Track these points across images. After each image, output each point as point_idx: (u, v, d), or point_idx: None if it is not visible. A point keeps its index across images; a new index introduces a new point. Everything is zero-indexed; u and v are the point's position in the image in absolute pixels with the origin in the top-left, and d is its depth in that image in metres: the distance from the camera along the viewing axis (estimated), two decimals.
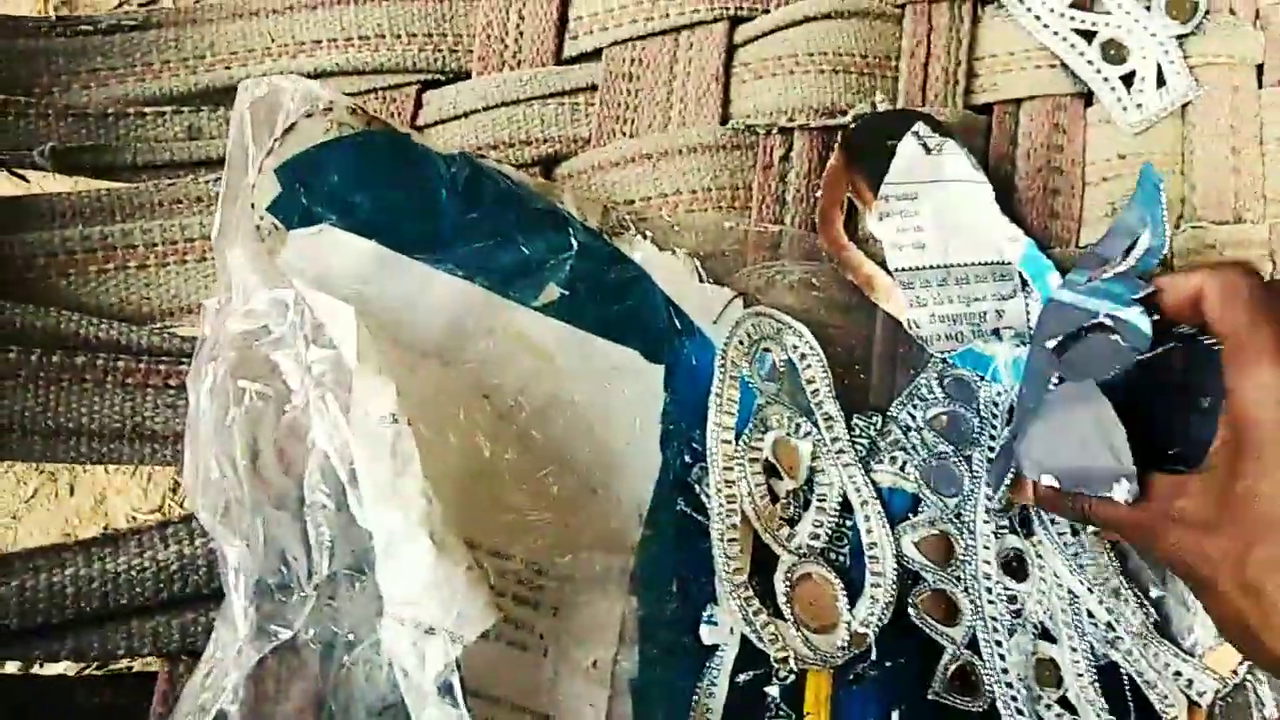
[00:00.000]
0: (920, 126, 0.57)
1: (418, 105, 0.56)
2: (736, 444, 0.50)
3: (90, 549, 0.44)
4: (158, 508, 0.91)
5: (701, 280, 0.54)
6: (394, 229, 0.47)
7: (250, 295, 0.42)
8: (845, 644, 0.49)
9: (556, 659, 0.46)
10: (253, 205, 0.44)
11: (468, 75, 0.57)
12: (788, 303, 0.54)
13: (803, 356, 0.53)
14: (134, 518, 0.92)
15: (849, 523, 0.52)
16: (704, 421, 0.51)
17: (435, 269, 0.48)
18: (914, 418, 0.54)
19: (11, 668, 0.44)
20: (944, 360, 0.55)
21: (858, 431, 0.53)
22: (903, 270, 0.55)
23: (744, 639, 0.48)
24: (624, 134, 0.56)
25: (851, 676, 0.49)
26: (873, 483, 0.52)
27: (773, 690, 0.48)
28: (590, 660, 0.47)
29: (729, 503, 0.49)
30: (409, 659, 0.40)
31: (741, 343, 0.52)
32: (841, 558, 0.51)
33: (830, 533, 0.51)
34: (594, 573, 0.48)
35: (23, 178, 0.52)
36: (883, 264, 0.56)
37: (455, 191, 0.49)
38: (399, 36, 0.56)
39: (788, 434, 0.52)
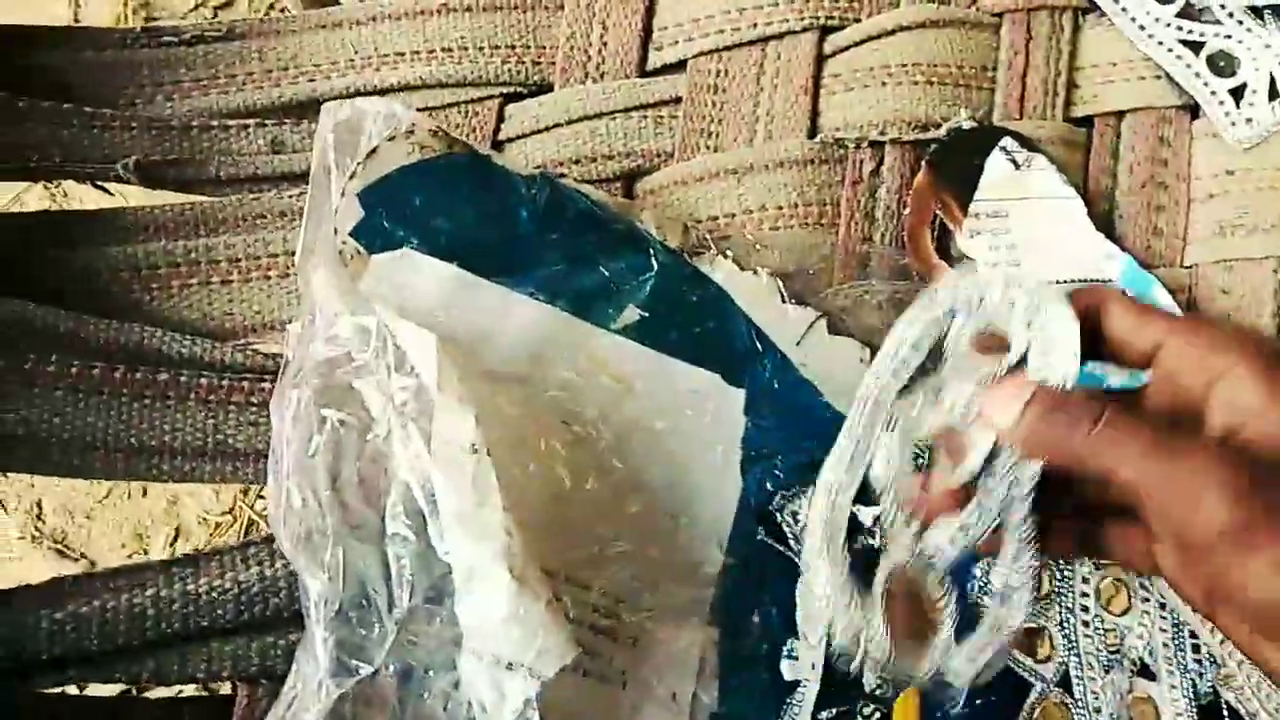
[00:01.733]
0: (1008, 141, 0.55)
1: (499, 119, 0.55)
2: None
3: (171, 569, 0.44)
4: (229, 509, 0.93)
5: (784, 301, 0.52)
6: (474, 252, 0.47)
7: (333, 321, 0.42)
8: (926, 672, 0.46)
9: (635, 691, 0.45)
10: (335, 230, 0.44)
11: (550, 88, 0.56)
12: (874, 324, 0.52)
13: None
14: (205, 518, 0.93)
15: None
16: (787, 447, 0.49)
17: (515, 292, 0.47)
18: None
19: (106, 690, 0.44)
20: None
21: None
22: None
23: (826, 676, 0.47)
24: (708, 148, 0.55)
25: (938, 715, 0.48)
26: None
27: None
28: (669, 693, 0.46)
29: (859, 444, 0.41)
30: (488, 694, 0.39)
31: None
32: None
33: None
34: (673, 603, 0.47)
35: (107, 190, 0.52)
36: None
37: (535, 213, 0.48)
38: (481, 49, 0.55)
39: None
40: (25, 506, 0.94)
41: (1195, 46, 0.58)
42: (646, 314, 0.49)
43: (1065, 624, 0.50)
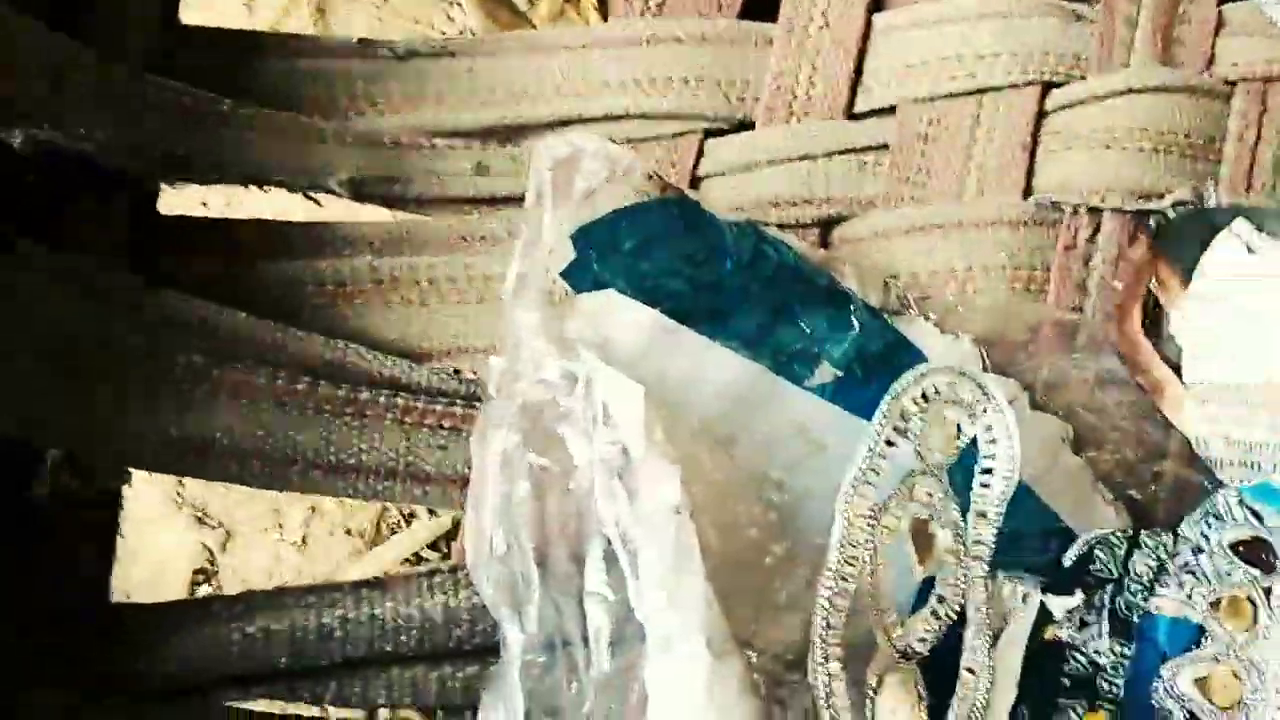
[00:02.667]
0: (1241, 223, 0.51)
1: (699, 154, 0.54)
2: (872, 508, 0.43)
3: (360, 590, 0.44)
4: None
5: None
6: (679, 299, 0.46)
7: (541, 364, 0.42)
8: None
9: None
10: (546, 270, 0.44)
11: (752, 125, 0.54)
12: (1080, 400, 0.50)
13: (992, 440, 0.45)
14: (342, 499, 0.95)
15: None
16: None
17: (716, 344, 0.46)
18: (1208, 540, 0.49)
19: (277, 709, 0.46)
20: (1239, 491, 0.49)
21: (1145, 551, 0.49)
22: (1198, 382, 0.50)
23: None
24: (913, 199, 0.53)
25: None
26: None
27: None
28: None
29: (848, 566, 0.43)
30: None
31: (924, 397, 0.45)
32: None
33: (939, 639, 0.45)
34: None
35: (316, 201, 0.53)
36: (1178, 369, 0.51)
37: (740, 262, 0.47)
38: (687, 81, 0.54)
39: (930, 516, 0.45)
40: (168, 475, 0.97)
41: None
42: (842, 374, 0.48)
43: None
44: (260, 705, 0.44)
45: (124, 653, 0.43)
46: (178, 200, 0.52)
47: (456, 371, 0.49)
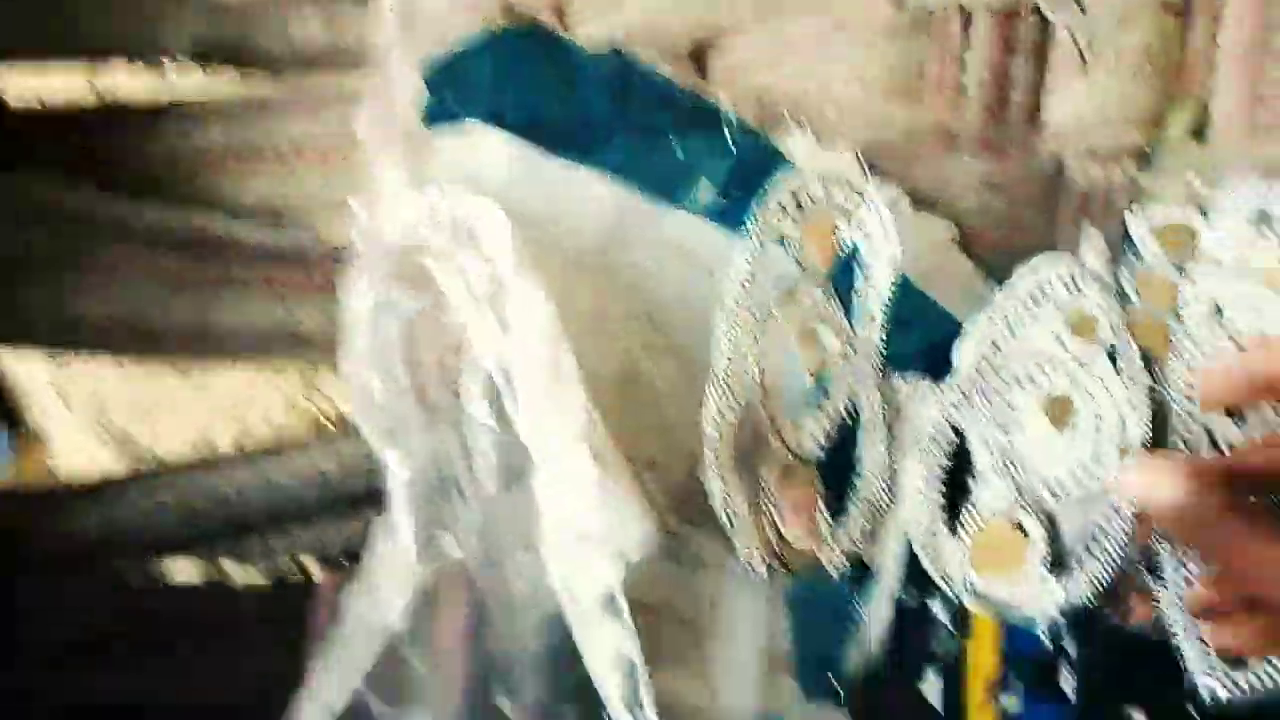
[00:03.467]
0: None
1: None
2: (754, 314, 0.43)
3: (254, 457, 0.44)
4: (294, 405, 0.94)
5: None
6: (543, 130, 0.45)
7: (401, 201, 0.41)
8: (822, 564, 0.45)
9: (713, 569, 0.45)
10: (399, 107, 0.42)
11: None
12: (966, 205, 0.50)
13: (869, 238, 0.45)
14: (270, 421, 0.94)
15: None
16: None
17: (587, 171, 0.45)
18: None
19: (181, 575, 0.45)
20: None
21: None
22: None
23: (911, 558, 0.46)
24: (783, 16, 0.52)
25: None
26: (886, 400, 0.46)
27: (936, 608, 0.46)
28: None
29: (732, 376, 0.43)
30: (571, 577, 0.39)
31: (799, 205, 0.44)
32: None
33: (832, 441, 0.45)
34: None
35: (160, 72, 0.51)
36: None
37: (606, 90, 0.46)
38: None
39: (817, 320, 0.45)
40: (90, 404, 0.96)
41: None
42: (723, 197, 0.47)
43: None
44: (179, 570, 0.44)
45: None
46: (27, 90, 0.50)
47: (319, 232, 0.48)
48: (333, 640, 0.39)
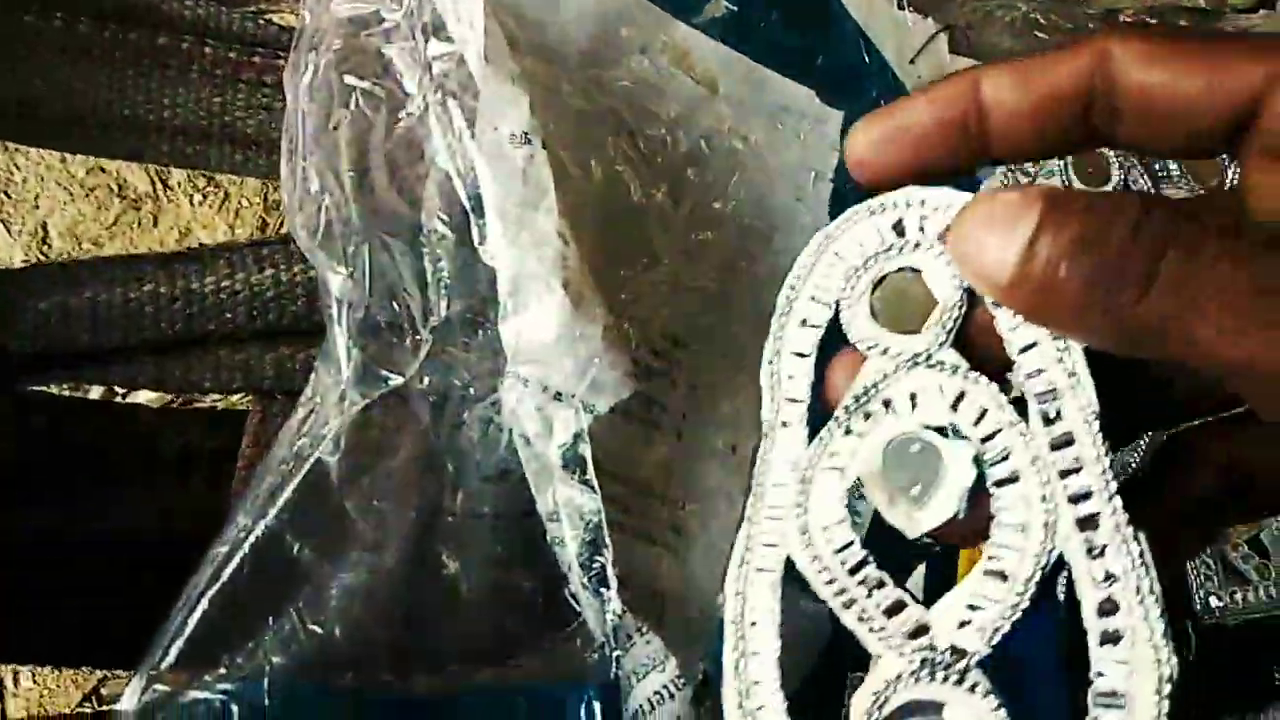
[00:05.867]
0: None
1: None
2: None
3: (173, 264, 0.38)
4: (227, 213, 0.86)
5: (901, 7, 0.43)
6: None
7: None
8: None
9: (692, 442, 0.40)
10: None
11: None
12: (1004, 45, 0.44)
13: None
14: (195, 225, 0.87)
15: None
16: None
17: None
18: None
19: (93, 394, 0.40)
20: None
21: None
22: None
23: None
24: None
25: None
26: None
27: None
28: (729, 446, 0.41)
29: None
30: (532, 425, 0.34)
31: None
32: None
33: None
34: (740, 349, 0.41)
35: None
36: None
37: None
38: None
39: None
40: (30, 229, 0.89)
41: None
42: (735, 8, 0.41)
43: None
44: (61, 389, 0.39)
45: None
46: None
47: (271, 20, 0.41)
48: (257, 474, 0.34)
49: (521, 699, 0.35)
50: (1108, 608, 0.18)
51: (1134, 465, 0.42)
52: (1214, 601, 0.43)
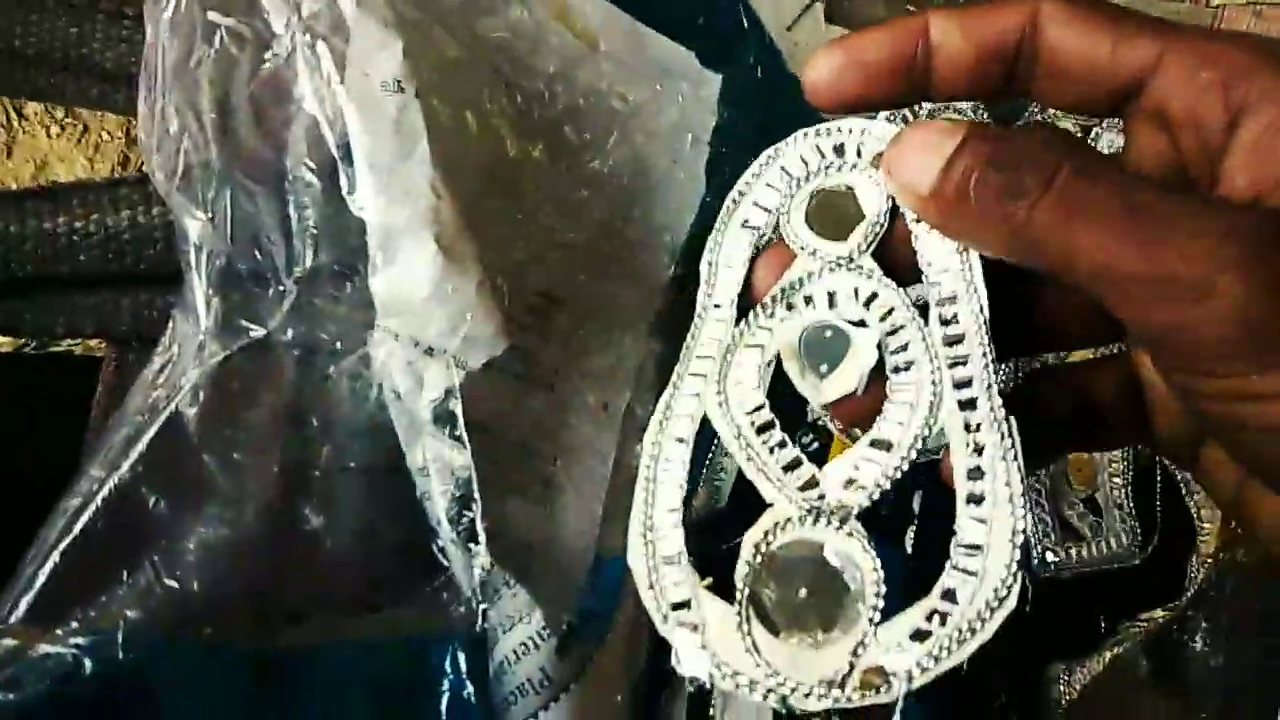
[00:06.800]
0: None
1: None
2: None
3: (25, 202, 0.36)
4: (83, 151, 0.82)
5: None
6: None
7: None
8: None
9: (563, 395, 0.41)
10: None
11: None
12: (878, 15, 0.45)
13: None
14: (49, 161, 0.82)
15: None
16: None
17: None
18: None
19: None
20: None
21: None
22: None
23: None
24: None
25: None
26: None
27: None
28: (600, 402, 0.42)
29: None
30: (403, 380, 0.34)
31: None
32: None
33: None
34: (615, 307, 0.42)
35: None
36: None
37: None
38: None
39: None
40: None
41: None
42: None
43: None
44: None
45: None
46: None
47: None
48: (112, 424, 0.33)
49: (385, 650, 0.35)
50: (974, 474, 0.21)
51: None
52: (1050, 557, 0.46)
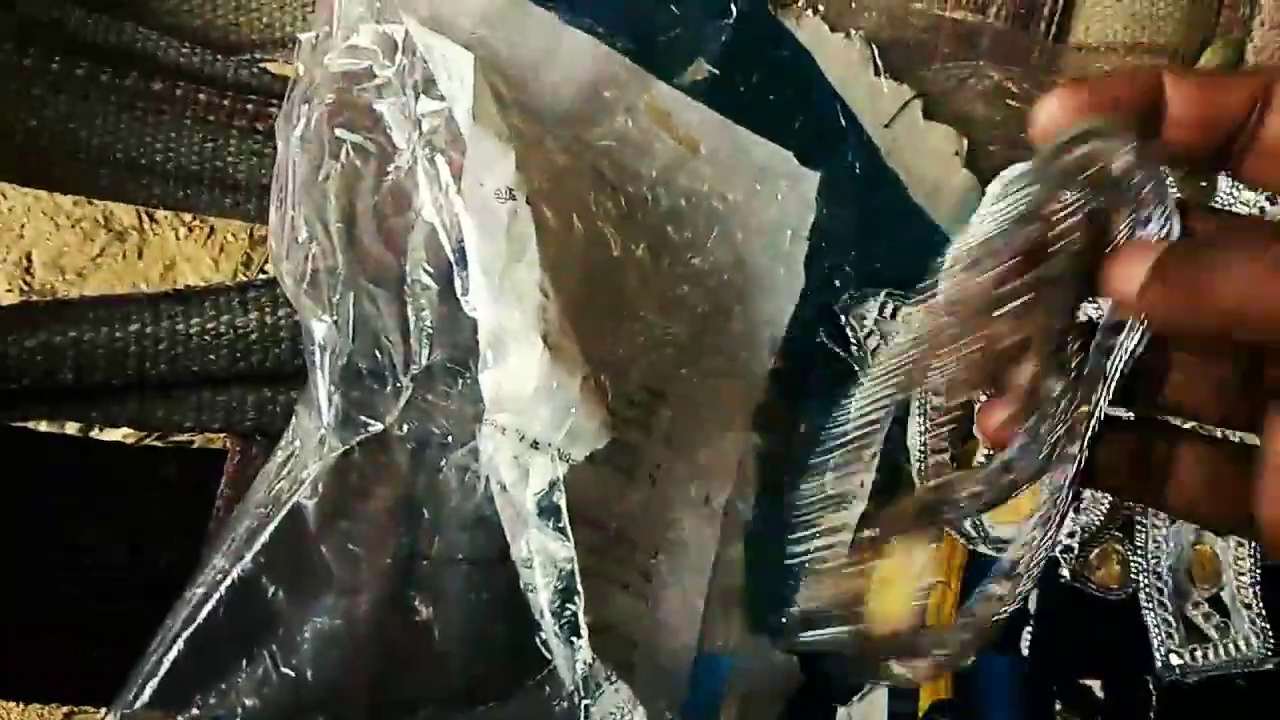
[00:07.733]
0: None
1: None
2: None
3: (159, 305, 0.39)
4: (230, 280, 0.87)
5: (877, 73, 0.45)
6: None
7: (354, 29, 0.35)
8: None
9: (665, 490, 0.41)
10: None
11: None
12: (977, 113, 0.45)
13: None
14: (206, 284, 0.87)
15: None
16: (861, 243, 0.43)
17: (572, 24, 0.40)
18: None
19: (71, 429, 0.40)
20: None
21: None
22: None
23: (872, 494, 0.43)
24: None
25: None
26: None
27: None
28: (703, 495, 0.42)
29: None
30: (509, 473, 0.35)
31: None
32: None
33: None
34: (716, 402, 0.42)
35: None
36: None
37: None
38: None
39: None
40: (15, 259, 0.89)
41: None
42: (717, 71, 0.42)
43: None
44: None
45: None
46: None
47: (265, 69, 0.42)
48: (234, 516, 0.35)
49: None
50: None
51: None
52: (1174, 659, 0.44)
